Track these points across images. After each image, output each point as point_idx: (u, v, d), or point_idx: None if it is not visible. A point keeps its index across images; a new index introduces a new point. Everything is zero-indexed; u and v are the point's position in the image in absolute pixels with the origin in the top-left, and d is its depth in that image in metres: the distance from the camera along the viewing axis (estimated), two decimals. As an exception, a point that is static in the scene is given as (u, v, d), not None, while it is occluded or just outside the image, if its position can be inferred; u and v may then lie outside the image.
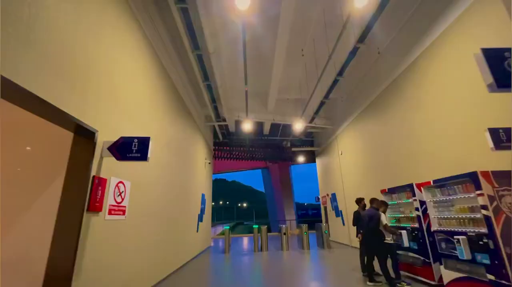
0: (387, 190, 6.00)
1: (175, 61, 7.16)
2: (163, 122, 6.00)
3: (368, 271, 4.90)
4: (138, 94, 4.69)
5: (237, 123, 14.03)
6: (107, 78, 3.68)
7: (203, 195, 10.68)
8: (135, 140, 3.54)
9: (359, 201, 5.95)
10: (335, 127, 11.79)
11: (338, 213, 11.70)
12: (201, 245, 10.05)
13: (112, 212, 3.72)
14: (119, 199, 3.90)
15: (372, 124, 8.44)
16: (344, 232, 10.98)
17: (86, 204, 3.14)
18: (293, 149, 14.83)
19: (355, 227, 5.88)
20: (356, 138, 9.83)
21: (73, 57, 2.96)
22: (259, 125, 14.42)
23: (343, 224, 11.11)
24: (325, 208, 13.84)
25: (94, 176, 3.28)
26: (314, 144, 15.33)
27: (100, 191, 3.40)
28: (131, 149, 3.51)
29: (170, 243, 6.24)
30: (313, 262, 7.55)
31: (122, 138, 3.56)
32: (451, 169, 4.94)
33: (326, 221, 13.53)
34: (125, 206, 4.06)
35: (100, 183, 3.41)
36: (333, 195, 12.35)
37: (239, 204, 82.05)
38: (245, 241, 14.43)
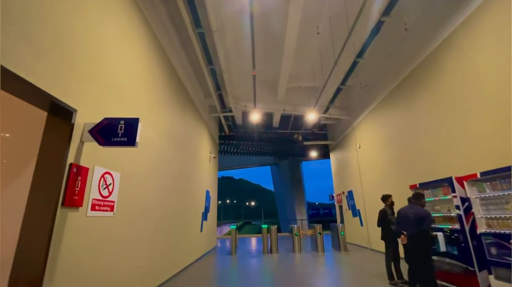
0: (418, 186, 5.38)
1: (175, 42, 6.68)
2: (160, 107, 5.54)
3: (412, 283, 4.21)
4: (130, 72, 4.23)
5: (244, 115, 13.52)
6: (91, 51, 3.22)
7: (207, 192, 10.27)
8: (121, 122, 3.07)
9: (386, 198, 5.34)
10: (352, 117, 11.12)
11: (356, 213, 11.08)
12: (206, 246, 9.66)
13: (97, 207, 3.28)
14: (105, 193, 3.46)
15: (396, 112, 7.76)
16: (362, 233, 10.37)
17: (61, 197, 2.71)
18: (305, 143, 14.23)
19: (381, 228, 5.29)
20: (376, 129, 9.16)
21: (56, 29, 2.49)
22: (268, 117, 13.88)
23: (361, 224, 10.51)
24: (341, 207, 13.23)
25: (71, 164, 2.84)
26: (328, 137, 14.67)
27: (79, 183, 2.96)
28: (116, 132, 3.04)
29: (169, 244, 5.82)
30: (330, 267, 7.01)
31: (106, 119, 3.10)
32: (502, 160, 4.27)
33: (342, 221, 12.93)
34: (113, 201, 3.62)
35: (80, 172, 2.97)
36: (350, 193, 11.72)
37: (247, 203, 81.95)
38: (253, 241, 14.00)
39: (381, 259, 7.47)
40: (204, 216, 9.59)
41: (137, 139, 3.05)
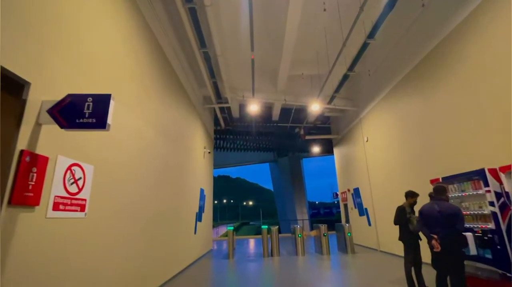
0: (440, 180, 4.91)
1: (164, 21, 6.12)
2: (145, 92, 5.00)
3: None
4: (106, 44, 3.68)
5: (242, 107, 13.00)
6: (54, 11, 2.67)
7: (202, 190, 9.75)
8: (89, 99, 2.54)
9: (412, 195, 4.68)
10: (359, 108, 10.64)
11: (363, 212, 10.64)
12: (200, 249, 9.17)
13: (61, 207, 2.75)
14: (73, 189, 2.93)
15: (411, 100, 7.28)
16: (370, 234, 9.94)
17: (8, 193, 2.17)
18: (307, 137, 13.74)
19: (398, 228, 4.81)
20: (386, 120, 8.68)
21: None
22: (267, 110, 13.36)
23: (369, 224, 10.07)
24: (346, 206, 12.80)
25: (22, 151, 2.30)
26: (331, 131, 14.20)
27: (35, 175, 2.42)
28: (82, 112, 2.51)
29: (158, 247, 5.30)
30: (338, 271, 6.55)
31: (70, 96, 2.56)
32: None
33: (347, 221, 12.50)
34: (84, 200, 3.09)
35: (36, 162, 2.43)
36: (356, 190, 11.28)
37: (245, 203, 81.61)
38: (252, 243, 13.54)
39: (394, 262, 7.04)
40: (199, 217, 9.08)
41: (109, 121, 2.53)
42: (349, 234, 9.13)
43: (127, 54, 4.35)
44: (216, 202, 58.95)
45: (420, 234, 4.35)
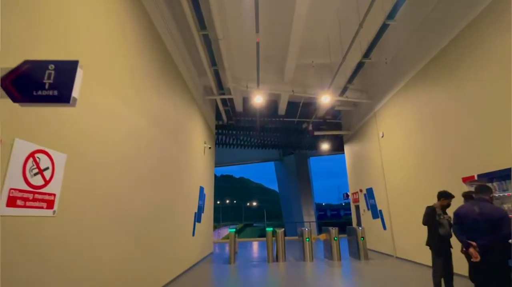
0: (476, 177, 4.37)
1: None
2: (135, 75, 4.55)
3: None
4: (85, 10, 3.23)
5: (245, 100, 12.52)
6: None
7: (201, 189, 9.32)
8: (50, 67, 2.08)
9: (446, 195, 4.09)
10: (374, 101, 10.08)
11: (376, 214, 10.10)
12: (199, 253, 8.74)
13: (19, 202, 2.31)
14: (37, 181, 2.49)
15: (435, 90, 6.72)
16: (385, 238, 9.40)
17: None
18: (316, 133, 13.21)
19: (427, 230, 4.29)
20: (405, 113, 8.13)
21: None
22: (273, 103, 12.86)
23: (384, 227, 9.53)
24: (357, 208, 12.25)
25: (-39, 130, 1.86)
26: (342, 127, 13.64)
27: (-20, 161, 1.98)
28: (41, 82, 2.06)
29: (150, 251, 4.86)
30: (351, 280, 6.06)
31: (27, 63, 2.11)
32: None
33: (359, 224, 11.97)
34: (52, 194, 2.65)
35: (-19, 145, 1.99)
36: (369, 190, 10.73)
37: (248, 204, 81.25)
38: (255, 246, 13.09)
39: (414, 270, 6.51)
40: (198, 217, 8.65)
41: (75, 94, 2.06)
42: (362, 238, 8.61)
43: (113, 27, 3.90)
44: (218, 202, 58.72)
45: (453, 240, 3.83)
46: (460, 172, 5.54)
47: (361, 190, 11.70)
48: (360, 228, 8.80)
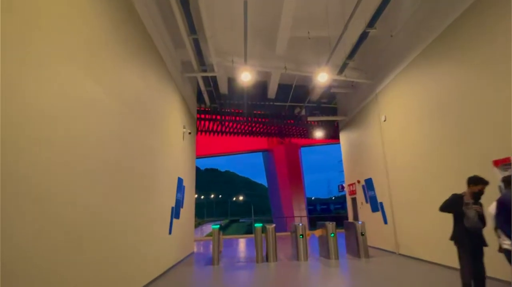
0: (511, 160, 3.80)
1: None
2: (91, 38, 3.64)
3: None
4: None
5: (231, 81, 11.69)
6: None
7: (180, 180, 8.49)
8: None
9: (477, 181, 3.51)
10: (376, 81, 9.49)
11: (376, 207, 9.64)
12: (177, 253, 7.98)
13: None
14: None
15: (449, 64, 6.14)
16: (386, 234, 8.96)
17: None
18: (309, 118, 12.58)
19: (453, 221, 3.73)
20: (412, 93, 7.57)
21: None
22: (262, 85, 12.10)
23: (385, 221, 9.08)
24: (354, 200, 11.80)
25: None
26: (338, 112, 13.06)
27: None
28: None
29: (113, 252, 4.05)
30: (353, 283, 5.49)
31: None
32: None
33: (355, 218, 11.54)
34: None
35: None
36: (368, 181, 10.24)
37: (234, 198, 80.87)
38: (242, 244, 12.49)
39: (422, 269, 6.03)
40: (175, 213, 7.86)
41: None
42: (362, 234, 8.09)
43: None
44: (202, 197, 57.90)
45: (487, 234, 3.26)
46: (483, 154, 4.99)
47: (358, 181, 11.22)
48: (359, 222, 8.29)
